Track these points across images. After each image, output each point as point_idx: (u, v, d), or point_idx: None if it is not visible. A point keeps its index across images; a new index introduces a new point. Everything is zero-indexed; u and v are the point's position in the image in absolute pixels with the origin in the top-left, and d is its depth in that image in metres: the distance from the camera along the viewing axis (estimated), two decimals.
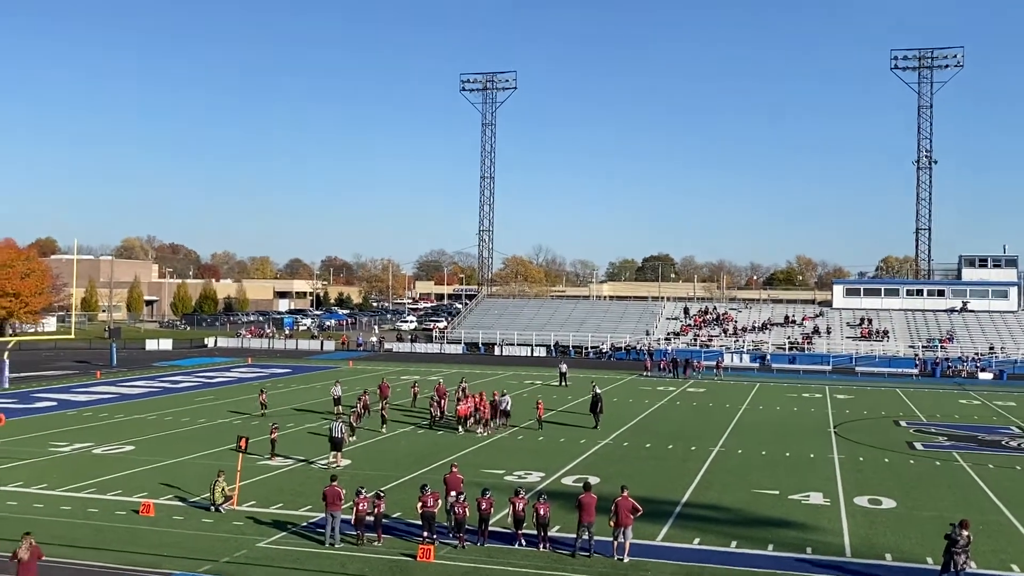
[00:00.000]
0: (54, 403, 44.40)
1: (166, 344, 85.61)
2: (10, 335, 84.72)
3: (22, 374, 57.13)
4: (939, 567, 18.16)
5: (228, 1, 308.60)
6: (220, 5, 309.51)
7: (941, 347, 75.83)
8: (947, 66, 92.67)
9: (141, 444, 32.97)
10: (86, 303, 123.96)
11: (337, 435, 29.11)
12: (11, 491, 25.06)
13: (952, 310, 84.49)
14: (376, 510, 20.53)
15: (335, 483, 20.84)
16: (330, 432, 29.58)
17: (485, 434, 35.63)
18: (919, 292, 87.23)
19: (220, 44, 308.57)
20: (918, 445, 35.08)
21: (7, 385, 51.10)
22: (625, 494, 19.95)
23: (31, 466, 28.62)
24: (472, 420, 36.59)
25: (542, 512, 20.06)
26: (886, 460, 31.69)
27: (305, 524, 21.92)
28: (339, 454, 29.18)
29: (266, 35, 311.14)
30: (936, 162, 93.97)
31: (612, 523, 19.60)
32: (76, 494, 24.92)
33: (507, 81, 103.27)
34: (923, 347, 76.58)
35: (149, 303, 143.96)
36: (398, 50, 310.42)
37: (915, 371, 69.10)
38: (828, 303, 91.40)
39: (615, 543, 19.51)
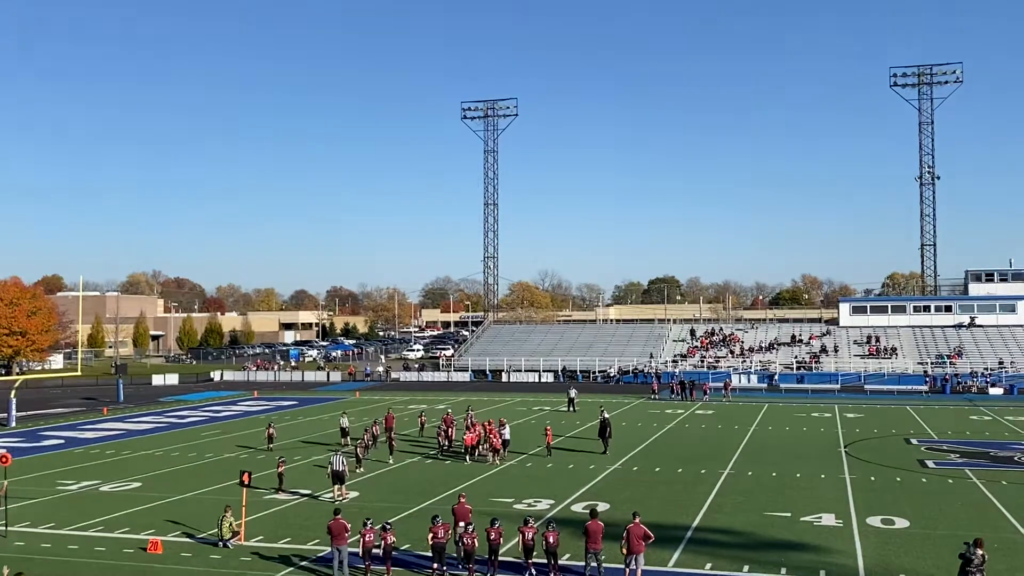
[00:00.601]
0: (61, 441, 44.32)
1: (172, 379, 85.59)
2: (17, 373, 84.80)
3: (29, 412, 57.10)
4: None
5: (229, 36, 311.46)
6: (223, 40, 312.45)
7: (950, 363, 75.49)
8: (947, 82, 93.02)
9: (148, 480, 32.85)
10: (92, 339, 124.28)
11: (338, 468, 28.82)
12: (18, 531, 24.93)
13: (960, 325, 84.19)
14: (384, 542, 20.37)
15: (339, 516, 20.63)
16: (331, 465, 29.32)
17: (497, 463, 35.40)
18: (926, 308, 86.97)
19: (221, 77, 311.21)
20: (930, 463, 34.81)
21: (14, 424, 51.05)
22: (637, 520, 19.72)
23: (38, 505, 28.51)
24: (480, 449, 36.39)
25: (551, 540, 19.85)
26: (898, 479, 31.42)
27: (313, 558, 21.76)
28: (343, 487, 28.94)
29: (268, 69, 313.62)
30: (939, 178, 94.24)
31: (623, 550, 19.39)
32: (83, 532, 24.79)
33: (508, 108, 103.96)
34: (932, 363, 76.24)
35: (155, 338, 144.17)
36: (399, 79, 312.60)
37: (925, 388, 68.70)
38: (835, 321, 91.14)
39: (627, 571, 19.29)
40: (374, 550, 20.55)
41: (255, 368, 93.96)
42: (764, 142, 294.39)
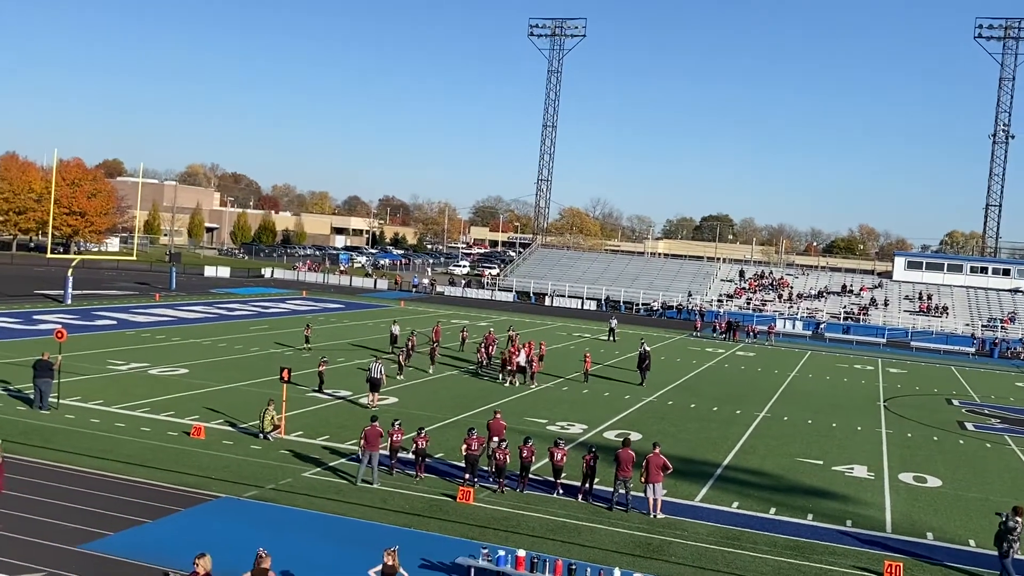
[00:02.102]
0: (114, 322, 45.58)
1: (224, 272, 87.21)
2: (74, 253, 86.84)
3: (84, 292, 58.66)
4: (981, 549, 17.91)
5: None
6: None
7: (1002, 327, 74.09)
8: None
9: (195, 368, 33.75)
10: (149, 226, 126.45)
11: (376, 376, 29.26)
12: (69, 404, 25.89)
13: (1017, 290, 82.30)
14: (415, 445, 20.89)
15: (376, 423, 20.94)
16: (368, 372, 29.78)
17: (514, 383, 35.38)
18: (983, 270, 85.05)
19: None
20: (969, 425, 34.46)
21: (70, 301, 52.54)
22: (657, 450, 19.93)
23: (89, 382, 29.50)
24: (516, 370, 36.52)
25: (591, 463, 20.24)
26: (935, 438, 31.20)
27: (349, 457, 22.30)
28: (377, 394, 29.36)
29: None
30: (1014, 137, 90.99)
31: (643, 479, 19.67)
32: (131, 412, 25.66)
33: (576, 28, 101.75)
34: (983, 326, 74.89)
35: (209, 230, 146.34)
36: None
37: (972, 350, 67.62)
38: (888, 275, 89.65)
39: (650, 500, 19.57)
40: (402, 453, 21.17)
41: (305, 269, 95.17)
42: (833, 86, 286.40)
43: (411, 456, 21.41)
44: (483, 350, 38.97)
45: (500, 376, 36.37)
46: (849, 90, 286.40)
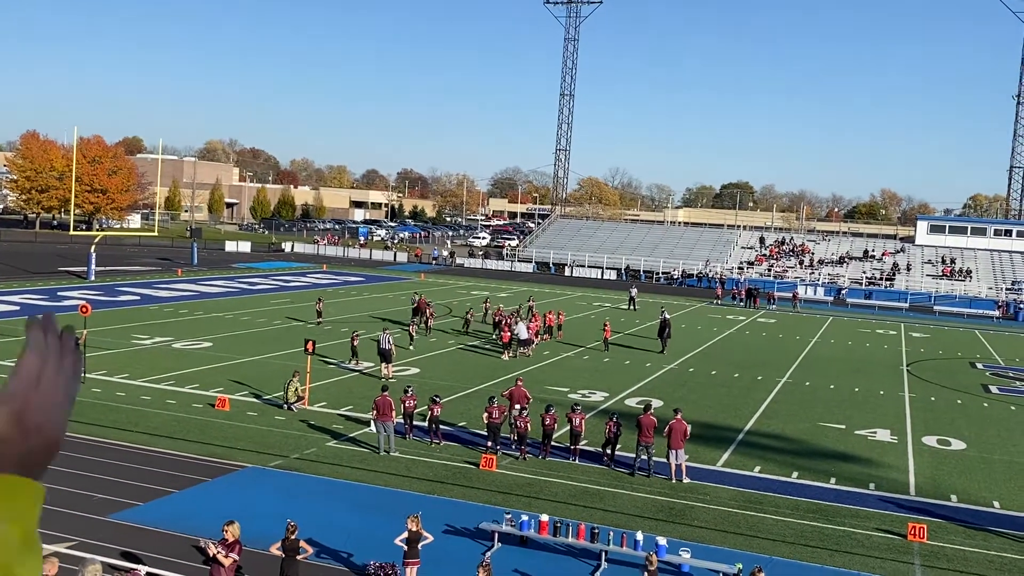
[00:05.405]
0: (137, 297, 45.97)
1: (245, 247, 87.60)
2: (97, 230, 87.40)
3: (107, 268, 59.10)
4: (1006, 511, 17.90)
5: None
6: None
7: None
8: None
9: (218, 341, 34.04)
10: (169, 202, 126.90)
11: (385, 347, 29.24)
12: (95, 379, 26.19)
13: None
14: (430, 413, 21.17)
15: (386, 393, 20.96)
16: (378, 344, 29.77)
17: (505, 358, 34.12)
18: (1007, 232, 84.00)
19: None
20: (993, 389, 34.26)
21: (93, 278, 52.99)
22: (678, 417, 19.97)
23: (114, 356, 29.82)
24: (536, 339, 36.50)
25: (615, 430, 20.36)
26: (959, 402, 31.06)
27: (371, 427, 22.46)
28: (390, 365, 29.35)
29: None
30: None
31: (666, 445, 19.74)
32: (156, 385, 25.95)
33: None
34: (1007, 289, 74.18)
35: (229, 206, 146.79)
36: None
37: (996, 313, 67.06)
38: (910, 239, 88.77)
39: (672, 465, 19.64)
40: (418, 421, 21.42)
41: (325, 242, 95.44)
42: (850, 49, 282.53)
43: (426, 425, 21.67)
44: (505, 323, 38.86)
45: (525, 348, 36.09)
46: (869, 53, 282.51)
